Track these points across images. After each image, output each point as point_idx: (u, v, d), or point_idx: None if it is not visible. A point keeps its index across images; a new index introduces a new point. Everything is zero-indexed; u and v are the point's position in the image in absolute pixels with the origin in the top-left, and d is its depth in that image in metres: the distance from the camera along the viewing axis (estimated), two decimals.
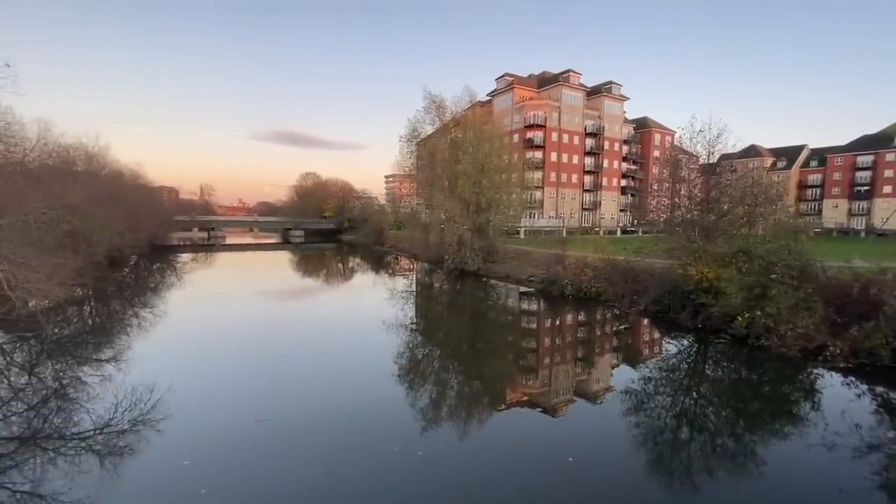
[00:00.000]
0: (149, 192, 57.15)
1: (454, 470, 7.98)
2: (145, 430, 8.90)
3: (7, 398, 10.97)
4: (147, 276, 35.73)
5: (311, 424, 9.54)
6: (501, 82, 62.03)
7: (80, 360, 14.22)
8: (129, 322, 19.96)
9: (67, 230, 23.25)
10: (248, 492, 7.11)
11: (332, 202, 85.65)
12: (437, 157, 40.11)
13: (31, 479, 7.33)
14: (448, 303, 27.14)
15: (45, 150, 30.05)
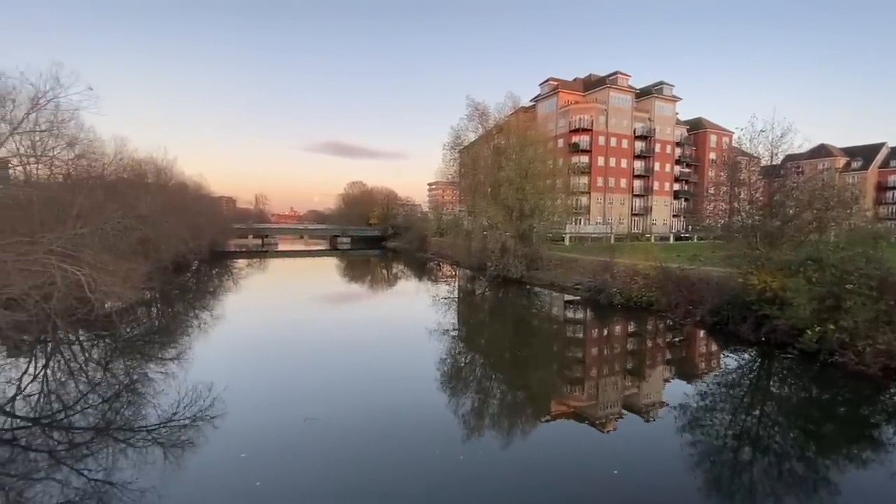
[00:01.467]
0: (210, 201, 61.05)
1: (495, 476, 7.85)
2: (204, 425, 9.43)
3: (85, 391, 12.03)
4: (207, 280, 38.10)
5: (355, 424, 9.77)
6: (545, 87, 61.29)
7: (148, 357, 15.35)
8: (190, 323, 21.34)
9: (139, 237, 25.26)
10: (298, 485, 7.42)
11: (378, 210, 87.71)
12: (480, 164, 40.13)
13: (105, 467, 7.95)
14: (491, 310, 26.93)
15: (121, 164, 32.91)
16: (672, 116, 62.40)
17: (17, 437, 9.24)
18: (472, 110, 39.63)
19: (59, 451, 8.67)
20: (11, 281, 11.74)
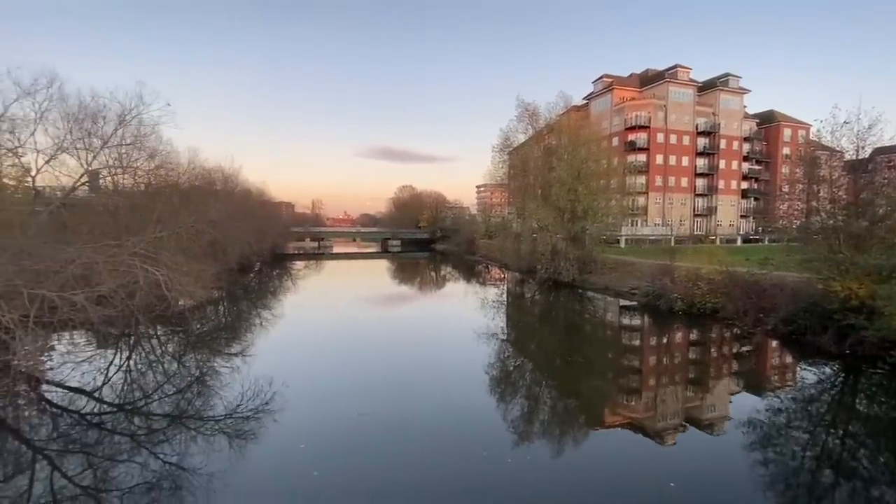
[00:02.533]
0: (271, 207, 64.73)
1: (543, 482, 7.67)
2: (265, 418, 9.97)
3: (162, 382, 13.13)
4: (268, 280, 40.36)
5: (406, 421, 10.00)
6: (599, 84, 59.35)
7: (216, 352, 16.49)
8: (253, 321, 22.70)
9: (209, 240, 27.22)
10: (352, 477, 7.75)
11: (427, 213, 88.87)
12: (530, 165, 39.51)
13: (178, 452, 8.63)
14: (541, 314, 26.40)
15: (194, 173, 35.68)
16: (739, 110, 58.21)
17: (104, 422, 10.26)
18: (521, 111, 39.17)
19: (139, 436, 9.52)
20: (102, 280, 13.07)
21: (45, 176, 21.37)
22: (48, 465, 8.18)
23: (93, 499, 7.08)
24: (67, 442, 9.28)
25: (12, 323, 9.86)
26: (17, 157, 19.92)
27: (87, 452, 8.76)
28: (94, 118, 22.37)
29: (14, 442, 9.29)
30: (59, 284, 11.81)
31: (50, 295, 11.13)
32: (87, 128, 22.11)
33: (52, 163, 21.05)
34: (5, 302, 10.05)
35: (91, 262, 13.28)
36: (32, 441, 9.29)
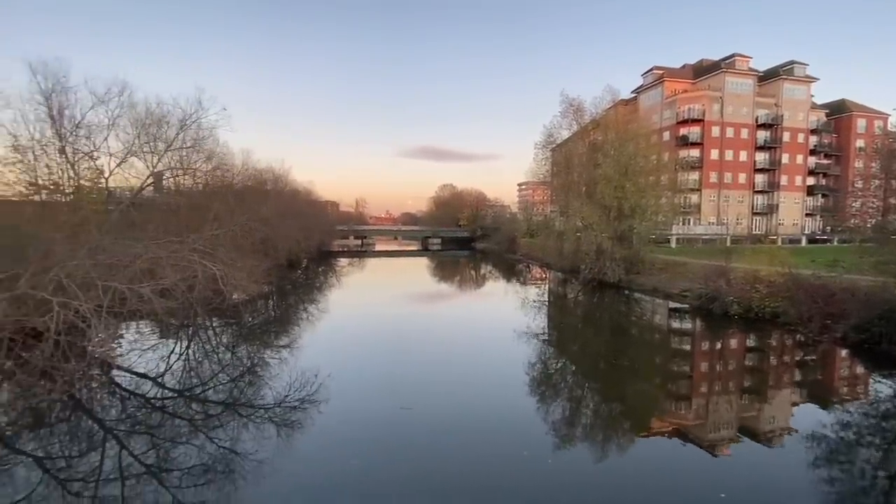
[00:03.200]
0: (318, 205, 67.06)
1: (585, 484, 7.49)
2: (311, 408, 10.35)
3: (217, 371, 13.95)
4: (314, 277, 41.85)
5: (446, 417, 10.13)
6: (649, 77, 56.94)
7: (266, 344, 17.30)
8: (300, 315, 23.63)
9: (261, 238, 28.59)
10: (393, 467, 7.96)
11: (467, 211, 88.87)
12: (574, 162, 38.55)
13: (231, 438, 9.14)
14: (584, 315, 25.74)
15: (247, 173, 37.64)
16: (805, 100, 54.01)
17: (166, 406, 11.04)
18: (565, 106, 38.21)
19: (196, 420, 10.17)
20: (165, 274, 14.06)
21: (116, 177, 23.24)
22: (117, 443, 8.91)
23: (155, 478, 7.63)
24: (134, 423, 10.07)
25: (88, 312, 10.81)
26: (92, 160, 21.78)
27: (151, 434, 9.46)
28: (158, 123, 24.09)
29: (88, 421, 10.19)
30: (128, 277, 12.82)
31: (121, 287, 12.11)
32: (152, 132, 23.84)
33: (123, 165, 22.89)
34: (83, 292, 11.03)
35: (156, 257, 14.31)
36: (104, 421, 10.16)
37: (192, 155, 26.40)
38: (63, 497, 7.07)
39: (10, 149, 18.93)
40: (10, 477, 7.59)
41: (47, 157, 20.09)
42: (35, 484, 7.34)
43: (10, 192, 18.92)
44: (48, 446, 9.12)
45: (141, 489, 7.25)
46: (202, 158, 27.34)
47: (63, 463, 8.33)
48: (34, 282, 11.06)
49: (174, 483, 7.39)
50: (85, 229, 16.56)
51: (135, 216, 21.96)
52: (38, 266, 11.73)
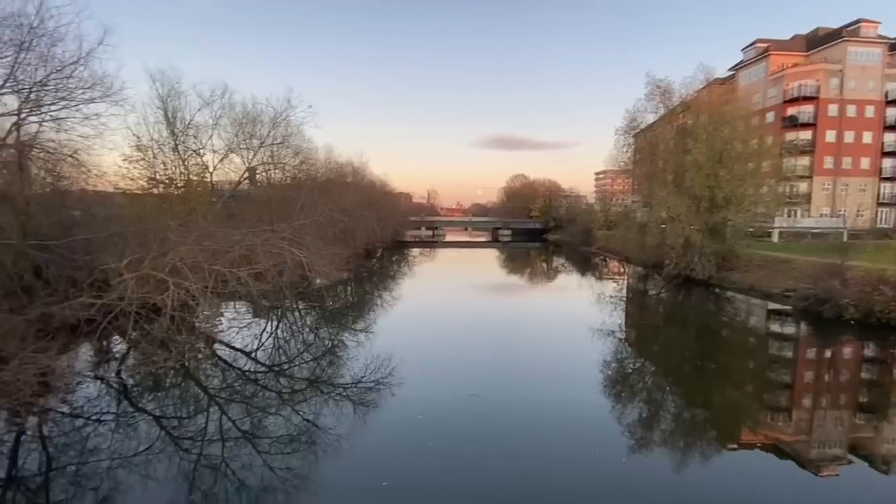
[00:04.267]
0: (392, 197, 69.35)
1: (662, 490, 7.02)
2: (385, 390, 10.84)
3: (301, 350, 15.12)
4: (389, 265, 43.51)
5: (515, 407, 10.12)
6: (751, 51, 50.95)
7: (344, 327, 18.38)
8: (375, 301, 24.76)
9: (341, 228, 30.29)
10: (465, 451, 8.18)
11: (539, 202, 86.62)
12: (660, 148, 35.81)
13: (314, 412, 9.88)
14: (666, 314, 24.06)
15: (329, 167, 39.97)
16: None
17: (258, 379, 12.20)
18: (651, 88, 35.41)
19: (284, 394, 11.12)
20: (259, 260, 15.45)
21: (218, 172, 25.89)
22: (218, 409, 10.04)
23: (250, 442, 8.50)
24: (232, 392, 11.27)
25: (197, 292, 12.23)
26: (199, 156, 24.45)
27: (247, 403, 10.53)
28: (253, 122, 26.37)
29: (195, 388, 11.59)
30: (228, 262, 14.26)
31: (223, 270, 13.51)
32: (248, 131, 26.15)
33: (224, 161, 25.41)
34: (192, 274, 12.49)
35: (252, 244, 15.75)
36: (208, 388, 11.49)
37: (282, 151, 28.64)
38: (176, 452, 8.12)
39: (134, 148, 21.88)
40: (135, 431, 8.89)
41: (163, 155, 22.93)
42: (153, 439, 8.53)
43: (134, 186, 21.90)
44: (164, 407, 10.54)
45: (238, 452, 8.10)
46: (290, 154, 29.55)
47: (176, 423, 9.58)
48: (154, 264, 12.72)
49: (265, 448, 8.18)
50: (193, 219, 18.68)
51: (234, 207, 24.39)
52: (158, 251, 13.46)
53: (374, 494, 6.88)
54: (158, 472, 7.38)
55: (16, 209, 14.26)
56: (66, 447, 8.36)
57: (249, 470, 7.42)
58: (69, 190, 17.30)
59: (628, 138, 39.31)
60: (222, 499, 6.74)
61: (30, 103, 13.68)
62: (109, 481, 7.11)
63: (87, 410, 9.68)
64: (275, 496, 6.87)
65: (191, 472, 7.48)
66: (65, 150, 15.17)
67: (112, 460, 7.67)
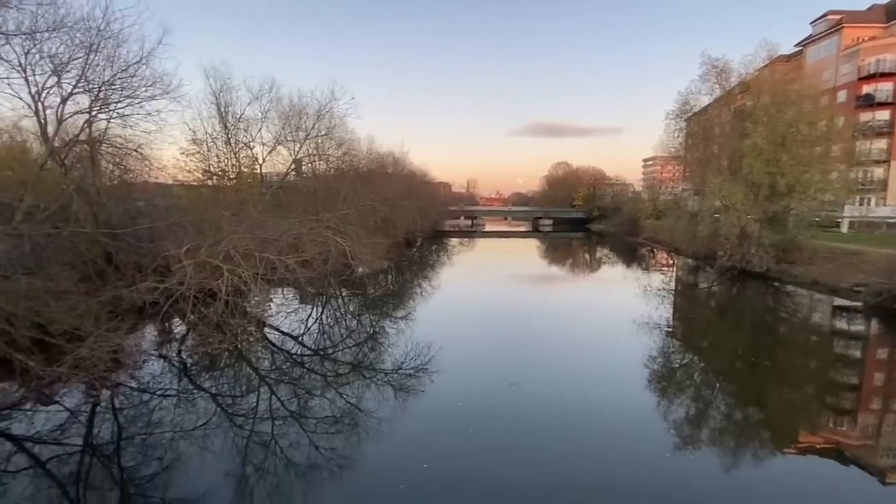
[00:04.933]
0: (432, 187, 69.64)
1: (710, 488, 6.74)
2: (424, 377, 11.03)
3: (345, 335, 15.62)
4: (428, 255, 43.90)
5: (554, 398, 10.06)
6: (821, 24, 46.63)
7: (385, 315, 18.79)
8: (415, 290, 25.11)
9: (382, 217, 30.84)
10: (504, 439, 8.22)
11: (583, 190, 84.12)
12: (715, 132, 33.71)
13: (356, 395, 10.22)
14: (718, 308, 22.87)
15: (371, 158, 40.65)
16: None
17: (304, 362, 12.75)
18: (706, 69, 33.26)
19: (328, 377, 11.57)
20: (305, 248, 16.05)
21: (267, 164, 26.97)
22: (268, 389, 10.60)
23: (297, 421, 8.93)
24: (281, 374, 11.85)
25: (249, 278, 12.89)
26: (249, 149, 25.55)
27: (294, 384, 11.05)
28: (299, 115, 27.21)
29: (247, 368, 12.29)
30: (277, 250, 14.90)
31: (272, 258, 14.15)
32: (294, 123, 27.02)
33: (272, 153, 26.43)
34: (244, 261, 13.17)
35: (298, 233, 16.37)
36: (259, 369, 12.14)
37: (326, 142, 29.43)
38: (230, 428, 8.68)
39: (191, 142, 23.21)
40: (194, 406, 9.57)
41: (217, 148, 24.17)
42: (210, 414, 9.14)
43: (190, 178, 23.28)
44: (219, 385, 11.26)
45: (286, 430, 8.55)
46: (334, 145, 30.31)
47: (230, 400, 10.22)
48: (210, 251, 13.50)
49: (311, 428, 8.57)
50: (245, 208, 19.63)
51: (281, 197, 25.38)
52: (213, 239, 14.27)
53: (415, 476, 7.08)
54: (215, 445, 7.93)
55: (89, 200, 15.55)
56: (134, 419, 9.13)
57: (296, 448, 7.82)
58: (134, 182, 18.64)
59: (680, 122, 37.30)
60: (272, 473, 7.14)
61: (99, 102, 14.76)
62: (172, 452, 7.71)
63: (153, 386, 10.52)
64: (320, 474, 7.21)
65: (244, 447, 7.98)
66: (130, 144, 16.35)
67: (174, 432, 8.32)
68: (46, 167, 14.01)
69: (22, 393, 9.31)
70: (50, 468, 7.23)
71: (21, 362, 9.29)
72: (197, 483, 6.84)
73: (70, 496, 6.58)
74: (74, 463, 7.45)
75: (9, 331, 9.68)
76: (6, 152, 16.17)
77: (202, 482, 6.86)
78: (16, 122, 15.55)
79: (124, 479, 7.09)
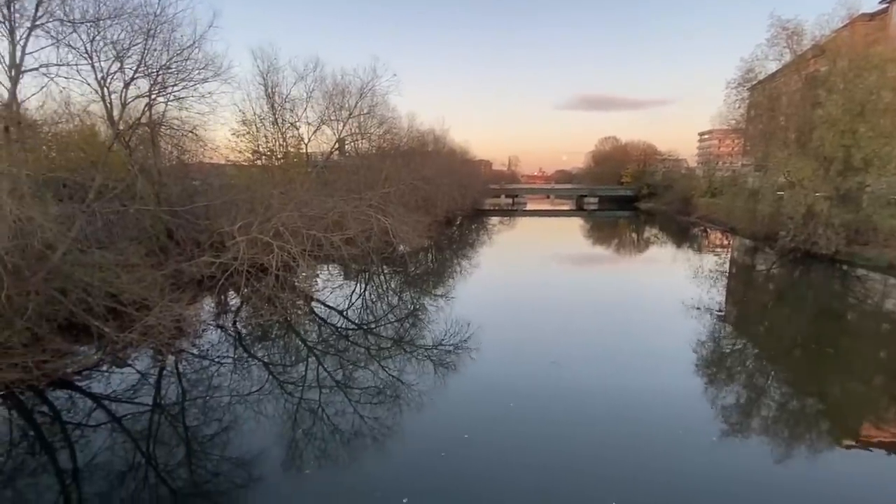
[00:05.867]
0: (472, 165, 68.81)
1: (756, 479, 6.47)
2: (464, 353, 11.18)
3: (387, 311, 16.03)
4: (468, 234, 43.83)
5: (595, 377, 10.06)
6: None
7: (425, 292, 19.07)
8: (455, 268, 25.25)
9: (422, 196, 30.98)
10: (544, 416, 8.28)
11: (631, 167, 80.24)
12: (782, 102, 30.96)
13: (398, 369, 10.53)
14: (777, 292, 21.48)
15: (411, 136, 40.60)
16: None
17: (349, 335, 13.23)
18: (775, 32, 30.30)
19: (371, 350, 11.96)
20: (349, 226, 16.48)
21: (311, 144, 27.59)
22: (315, 360, 11.12)
23: (342, 391, 9.35)
24: (327, 346, 12.39)
25: (297, 254, 13.44)
26: (296, 129, 26.21)
27: (339, 356, 11.53)
28: (342, 94, 27.51)
29: (296, 340, 12.92)
30: (323, 227, 15.40)
31: (318, 235, 14.65)
32: (338, 102, 27.36)
33: (316, 133, 26.98)
34: (293, 238, 13.71)
35: (343, 211, 16.80)
36: (306, 341, 12.74)
37: (369, 121, 29.66)
38: (282, 394, 9.23)
39: (240, 123, 24.09)
40: (248, 373, 10.22)
41: (265, 129, 24.97)
42: (263, 381, 9.75)
43: (241, 158, 24.27)
44: (271, 355, 11.94)
45: (332, 399, 8.98)
46: (376, 124, 30.51)
47: (280, 369, 10.82)
48: (261, 228, 14.16)
49: (355, 398, 8.95)
50: (292, 188, 20.29)
51: (326, 176, 25.98)
52: (263, 216, 14.93)
53: (457, 444, 7.30)
54: (268, 409, 8.48)
55: (152, 180, 16.62)
56: (196, 382, 9.89)
57: (342, 416, 8.22)
58: (190, 162, 19.70)
59: (742, 92, 34.47)
60: (319, 438, 7.56)
61: (157, 86, 15.58)
62: (230, 414, 8.32)
63: (211, 353, 11.31)
64: (364, 441, 7.54)
65: (293, 412, 8.47)
66: (186, 126, 17.22)
67: (231, 396, 8.96)
68: (113, 149, 15.03)
69: (99, 356, 10.29)
70: (125, 424, 8.01)
71: (98, 328, 10.24)
72: (252, 444, 7.35)
73: (142, 450, 7.28)
74: (145, 420, 8.22)
75: (86, 300, 10.66)
76: (78, 135, 17.46)
77: (256, 443, 7.36)
78: (85, 107, 16.72)
79: (188, 437, 7.75)
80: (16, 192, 9.96)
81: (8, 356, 8.62)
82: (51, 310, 10.21)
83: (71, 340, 10.38)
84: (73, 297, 10.50)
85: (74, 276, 10.72)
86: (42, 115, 14.88)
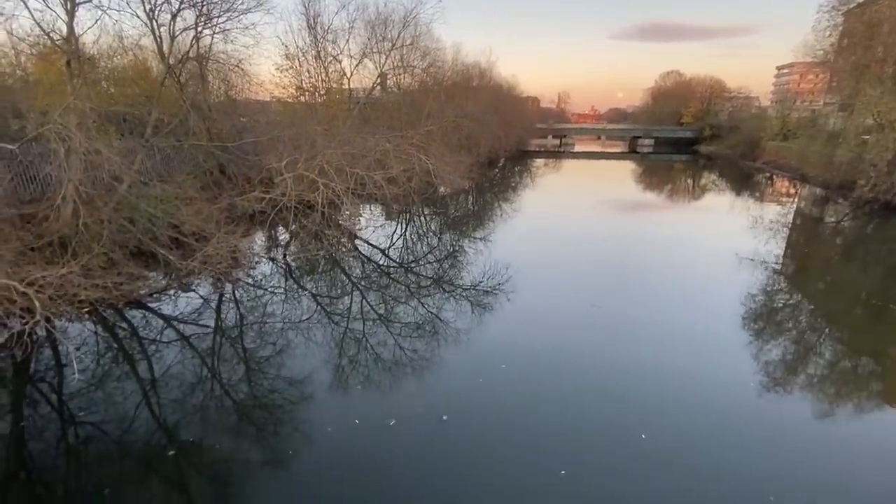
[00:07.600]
0: (519, 102, 65.27)
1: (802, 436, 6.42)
2: (500, 295, 11.35)
3: (426, 251, 16.30)
4: (510, 176, 42.67)
5: (636, 322, 10.05)
6: None
7: (464, 234, 19.11)
8: (495, 211, 24.95)
9: (465, 134, 30.15)
10: (584, 352, 8.56)
11: (694, 105, 73.44)
12: (882, 30, 26.76)
13: (436, 306, 10.89)
14: (845, 246, 19.88)
15: (456, 69, 38.70)
16: None
17: (390, 273, 13.67)
18: None
19: (411, 287, 12.37)
20: (391, 165, 16.48)
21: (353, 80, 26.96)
22: (359, 294, 11.67)
23: (384, 324, 9.85)
24: (370, 282, 12.90)
25: (341, 192, 13.72)
26: (338, 62, 25.59)
27: (381, 291, 12.02)
28: (385, 23, 26.28)
29: (341, 274, 13.52)
30: (365, 166, 15.50)
31: (361, 173, 14.80)
32: (380, 33, 26.27)
33: (358, 67, 26.26)
34: (336, 176, 13.94)
35: (384, 149, 16.72)
36: (350, 276, 13.31)
37: (412, 53, 28.41)
38: (329, 324, 9.87)
39: (283, 57, 23.79)
40: (298, 303, 10.93)
41: (307, 63, 24.57)
42: (312, 311, 10.42)
43: (285, 94, 24.22)
44: (319, 287, 12.62)
45: (375, 330, 9.51)
46: (419, 56, 29.22)
47: (327, 300, 11.46)
48: (306, 165, 14.44)
49: (396, 331, 9.43)
50: (335, 125, 20.27)
51: (368, 113, 25.65)
52: (308, 153, 15.15)
53: (494, 373, 7.78)
54: (316, 337, 9.15)
55: (202, 115, 17.04)
56: (252, 309, 10.71)
57: (384, 346, 8.74)
58: (237, 98, 19.93)
59: (836, 17, 30.01)
60: (363, 365, 8.13)
61: (203, 17, 15.49)
62: (283, 339, 9.04)
63: (264, 283, 12.11)
64: (404, 370, 8.04)
65: (339, 341, 9.09)
66: (232, 60, 17.24)
67: (283, 323, 9.68)
68: (166, 84, 15.42)
69: (167, 281, 11.28)
70: (192, 342, 8.91)
71: (164, 256, 11.14)
72: (302, 367, 8.02)
73: (207, 365, 8.13)
74: (209, 340, 9.10)
75: (152, 229, 11.52)
76: (132, 70, 17.95)
77: (306, 367, 8.02)
78: (136, 41, 17.04)
79: (247, 357, 8.54)
80: (82, 126, 10.55)
81: (90, 277, 9.62)
82: (122, 237, 11.15)
83: (142, 266, 11.41)
84: (140, 226, 11.38)
85: (140, 207, 11.54)
86: (98, 50, 15.31)
